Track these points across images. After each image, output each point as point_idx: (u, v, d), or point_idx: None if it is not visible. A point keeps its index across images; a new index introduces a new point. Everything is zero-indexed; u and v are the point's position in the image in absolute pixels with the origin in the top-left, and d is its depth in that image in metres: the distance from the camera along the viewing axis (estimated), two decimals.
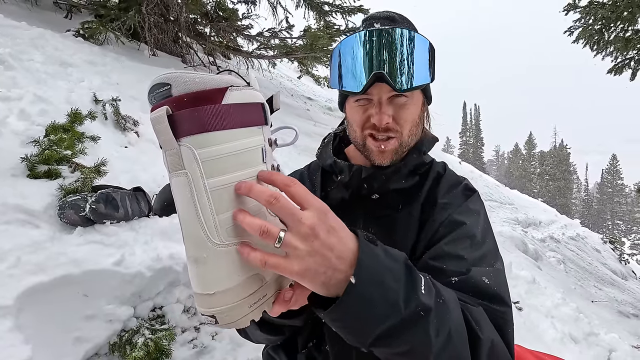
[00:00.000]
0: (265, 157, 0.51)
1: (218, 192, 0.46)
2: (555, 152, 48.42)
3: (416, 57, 0.72)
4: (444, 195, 0.80)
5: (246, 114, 0.50)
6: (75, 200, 1.71)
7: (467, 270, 0.65)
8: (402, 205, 0.81)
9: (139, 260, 1.76)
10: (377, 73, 0.70)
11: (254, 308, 0.49)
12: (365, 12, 6.83)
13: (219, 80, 0.48)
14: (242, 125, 0.49)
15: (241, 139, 0.48)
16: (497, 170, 65.60)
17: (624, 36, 6.16)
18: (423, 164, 0.85)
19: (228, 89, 0.48)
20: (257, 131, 0.51)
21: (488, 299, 0.62)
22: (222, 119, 0.46)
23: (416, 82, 0.73)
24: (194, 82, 0.46)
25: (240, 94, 0.49)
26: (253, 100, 0.51)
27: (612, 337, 4.50)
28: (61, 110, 2.41)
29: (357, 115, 0.79)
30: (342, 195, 0.83)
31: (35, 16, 4.83)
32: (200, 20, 6.69)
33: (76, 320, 1.52)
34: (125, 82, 4.03)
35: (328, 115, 8.46)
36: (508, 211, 10.24)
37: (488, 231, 0.77)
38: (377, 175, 0.79)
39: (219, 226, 0.46)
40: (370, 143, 0.78)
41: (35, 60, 3.23)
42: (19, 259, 1.48)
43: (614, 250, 12.36)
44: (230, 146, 0.47)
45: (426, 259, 0.69)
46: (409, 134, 0.78)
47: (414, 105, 0.78)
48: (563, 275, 7.21)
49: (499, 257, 0.73)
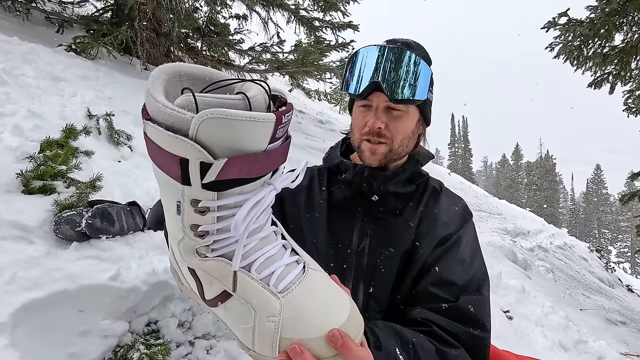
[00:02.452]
0: (181, 213, 0.44)
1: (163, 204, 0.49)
2: (542, 162, 49.48)
3: (413, 76, 0.82)
4: (444, 213, 0.89)
5: (160, 158, 0.41)
6: (71, 216, 1.72)
7: (456, 299, 0.76)
8: (399, 211, 0.88)
9: (134, 274, 1.76)
10: (375, 81, 0.81)
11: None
12: (355, 28, 7.01)
13: (160, 107, 0.39)
14: (157, 164, 0.42)
15: (159, 175, 0.43)
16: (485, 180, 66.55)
17: (601, 52, 6.44)
18: (420, 175, 0.93)
19: (145, 121, 0.41)
20: (172, 182, 0.41)
21: (472, 325, 0.74)
22: (146, 144, 0.42)
23: (407, 96, 0.82)
24: (151, 97, 0.40)
25: (154, 132, 0.39)
26: (169, 148, 0.39)
27: (600, 344, 4.58)
28: (55, 126, 2.42)
29: (358, 120, 0.89)
30: (344, 194, 0.91)
31: (27, 31, 4.84)
32: (192, 34, 6.77)
33: (71, 336, 1.52)
34: (117, 96, 4.05)
35: (319, 128, 8.56)
36: (497, 221, 10.40)
37: (477, 253, 0.86)
38: (377, 174, 0.87)
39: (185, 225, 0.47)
40: (364, 145, 0.87)
41: (28, 76, 3.24)
42: (14, 275, 1.48)
43: (601, 259, 12.60)
44: (156, 173, 0.44)
45: (426, 285, 0.79)
46: (399, 144, 0.87)
47: (408, 119, 0.87)
48: (552, 284, 7.32)
49: (486, 277, 0.84)
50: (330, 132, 8.42)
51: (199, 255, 0.48)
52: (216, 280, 0.47)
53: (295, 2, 6.90)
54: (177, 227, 0.46)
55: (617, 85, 6.90)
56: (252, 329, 0.46)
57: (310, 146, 6.43)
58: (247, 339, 0.48)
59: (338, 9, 6.83)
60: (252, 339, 0.47)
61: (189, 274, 0.50)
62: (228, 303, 0.48)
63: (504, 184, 51.05)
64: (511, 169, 53.25)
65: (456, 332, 0.72)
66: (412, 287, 0.81)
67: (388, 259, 0.83)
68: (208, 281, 0.48)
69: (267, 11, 6.89)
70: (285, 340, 0.45)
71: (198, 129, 0.37)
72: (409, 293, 0.81)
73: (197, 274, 0.49)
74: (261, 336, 0.46)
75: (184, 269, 0.51)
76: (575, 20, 6.26)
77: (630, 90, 7.03)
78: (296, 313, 0.46)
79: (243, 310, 0.47)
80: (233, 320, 0.49)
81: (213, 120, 0.37)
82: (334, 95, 15.50)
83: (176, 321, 1.91)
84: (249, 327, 0.47)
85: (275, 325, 0.45)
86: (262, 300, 0.46)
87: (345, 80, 0.88)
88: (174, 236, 0.49)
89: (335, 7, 6.77)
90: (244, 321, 0.47)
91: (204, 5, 6.51)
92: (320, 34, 7.05)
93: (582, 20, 6.20)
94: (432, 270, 0.80)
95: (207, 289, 0.49)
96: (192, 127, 0.37)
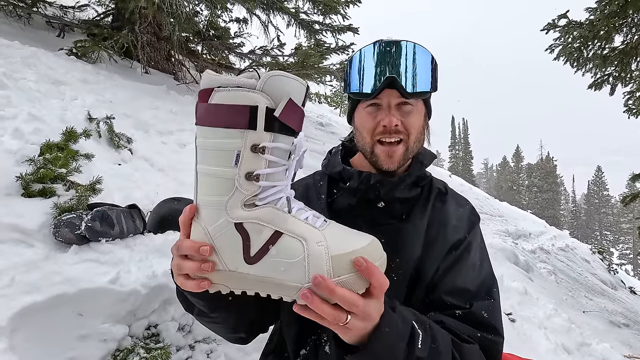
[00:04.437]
0: (239, 162, 0.53)
1: (201, 177, 0.57)
2: (542, 164, 49.41)
3: (423, 67, 0.81)
4: (453, 215, 0.87)
5: (226, 116, 0.52)
6: (71, 219, 1.71)
7: (469, 305, 0.76)
8: (405, 215, 0.86)
9: (134, 277, 1.75)
10: (389, 77, 0.78)
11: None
12: (354, 31, 7.03)
13: (224, 80, 0.53)
14: (221, 125, 0.53)
15: (218, 138, 0.54)
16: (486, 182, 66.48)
17: (601, 54, 6.44)
18: (425, 177, 0.91)
19: (214, 89, 0.53)
20: (235, 134, 0.53)
21: (486, 330, 0.74)
22: (206, 116, 0.54)
23: (421, 88, 0.81)
24: (209, 79, 0.54)
25: (225, 95, 0.53)
26: (239, 102, 0.52)
27: (604, 347, 4.55)
28: (55, 129, 2.42)
29: (367, 122, 0.84)
30: (349, 201, 0.88)
31: (28, 35, 4.86)
32: (192, 38, 6.80)
33: (70, 340, 1.50)
34: (118, 99, 4.06)
35: (319, 130, 8.57)
36: (498, 223, 10.37)
37: (485, 255, 0.86)
38: (384, 181, 0.84)
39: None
40: (379, 149, 0.83)
41: (29, 79, 3.25)
42: (13, 279, 1.47)
43: (603, 261, 12.54)
44: (210, 142, 0.55)
45: (440, 293, 0.78)
46: (415, 140, 0.85)
47: (418, 113, 0.85)
48: (554, 286, 7.29)
49: (494, 279, 0.84)
50: (330, 135, 8.42)
51: (247, 208, 0.55)
52: (266, 225, 0.55)
53: (295, 5, 6.93)
54: (228, 185, 0.55)
55: (617, 86, 6.90)
56: (304, 257, 0.54)
57: (311, 149, 6.43)
58: (300, 272, 0.54)
59: (338, 12, 6.85)
60: (306, 268, 0.54)
61: (233, 234, 0.56)
62: (279, 242, 0.55)
63: (505, 186, 50.99)
64: (512, 171, 53.18)
65: (470, 336, 0.72)
66: (425, 295, 0.80)
67: (399, 267, 0.80)
68: (257, 230, 0.55)
69: (267, 15, 6.92)
70: (336, 257, 0.54)
71: (264, 85, 0.52)
72: (422, 300, 0.80)
73: (244, 228, 0.55)
74: (314, 260, 0.54)
75: (225, 234, 0.56)
76: (574, 22, 6.27)
77: (631, 91, 7.03)
78: (335, 239, 0.56)
79: (294, 243, 0.55)
80: (283, 260, 0.55)
81: (274, 78, 0.53)
82: (335, 98, 15.53)
83: (176, 325, 1.90)
84: (301, 259, 0.54)
85: (325, 247, 0.54)
86: (308, 231, 0.56)
87: (349, 82, 0.85)
88: (218, 202, 0.56)
89: (335, 10, 6.79)
90: (296, 254, 0.54)
91: (205, 9, 6.54)
92: (320, 36, 7.07)
93: (581, 22, 6.21)
94: (445, 278, 0.79)
95: (255, 239, 0.55)
96: (259, 85, 0.52)
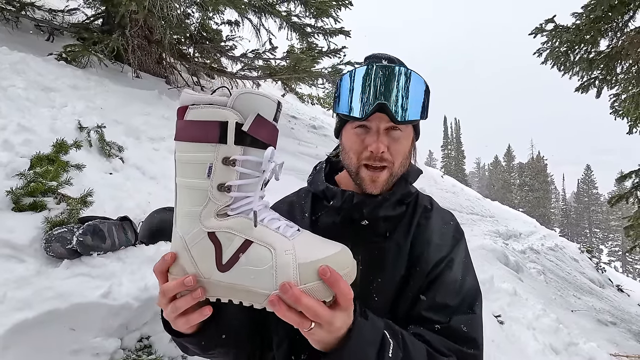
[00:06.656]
0: (211, 174, 0.58)
1: (179, 189, 0.61)
2: (533, 163, 50.02)
3: (415, 94, 0.82)
4: (437, 234, 0.88)
5: (199, 131, 0.58)
6: (62, 233, 1.72)
7: (448, 320, 0.77)
8: (389, 234, 0.87)
9: (125, 291, 1.77)
10: (380, 103, 0.79)
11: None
12: (346, 34, 7.06)
13: (197, 98, 0.58)
14: (195, 139, 0.58)
15: (193, 152, 0.59)
16: (478, 182, 67.04)
17: (587, 57, 6.57)
18: (409, 194, 0.92)
19: (189, 107, 0.58)
20: (208, 148, 0.58)
21: (464, 344, 0.75)
22: (181, 132, 0.60)
23: (412, 117, 0.82)
24: (184, 97, 0.60)
25: (198, 112, 0.58)
26: (210, 118, 0.57)
27: (591, 346, 4.65)
28: (45, 140, 2.41)
29: (354, 144, 0.85)
30: (332, 219, 0.89)
31: (16, 40, 4.80)
32: (184, 41, 6.77)
33: (63, 355, 1.52)
34: (109, 106, 4.04)
35: (312, 133, 8.58)
36: (489, 224, 10.48)
37: (468, 268, 0.86)
38: (367, 201, 0.85)
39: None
40: (364, 172, 0.84)
41: (18, 87, 3.22)
42: (4, 295, 1.47)
43: (591, 259, 12.77)
44: (185, 156, 0.60)
45: (420, 310, 0.80)
46: (399, 166, 0.86)
47: (406, 139, 0.86)
48: (543, 285, 7.41)
49: (478, 293, 0.84)
50: (323, 138, 8.44)
51: (219, 218, 0.59)
52: (237, 234, 0.59)
53: (287, 8, 6.93)
54: (202, 196, 0.59)
55: (603, 89, 7.04)
56: (272, 265, 0.57)
57: (304, 152, 6.45)
58: (268, 280, 0.57)
59: (329, 15, 6.87)
60: (274, 275, 0.57)
61: (207, 243, 0.59)
62: (249, 251, 0.59)
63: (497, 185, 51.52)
64: (503, 171, 53.75)
65: (450, 349, 0.73)
66: (406, 312, 0.81)
67: (382, 285, 0.81)
68: (228, 238, 0.59)
69: (259, 18, 6.91)
70: (303, 265, 0.57)
71: (234, 102, 0.57)
72: (404, 317, 0.81)
73: (217, 237, 0.59)
74: (282, 268, 0.57)
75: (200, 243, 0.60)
76: (561, 27, 6.38)
77: (617, 94, 7.18)
78: (303, 247, 0.59)
79: (263, 252, 0.58)
80: (252, 268, 0.58)
81: (244, 96, 0.58)
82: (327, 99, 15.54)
83: (169, 336, 1.91)
84: (269, 266, 0.57)
85: (293, 255, 0.57)
86: (277, 240, 0.59)
87: (339, 102, 0.85)
88: (193, 212, 0.60)
89: (327, 13, 6.81)
90: (264, 262, 0.57)
91: (196, 11, 6.52)
92: (312, 39, 7.09)
93: (568, 27, 6.32)
94: (425, 295, 0.80)
95: (227, 247, 0.59)
96: (230, 102, 0.57)
